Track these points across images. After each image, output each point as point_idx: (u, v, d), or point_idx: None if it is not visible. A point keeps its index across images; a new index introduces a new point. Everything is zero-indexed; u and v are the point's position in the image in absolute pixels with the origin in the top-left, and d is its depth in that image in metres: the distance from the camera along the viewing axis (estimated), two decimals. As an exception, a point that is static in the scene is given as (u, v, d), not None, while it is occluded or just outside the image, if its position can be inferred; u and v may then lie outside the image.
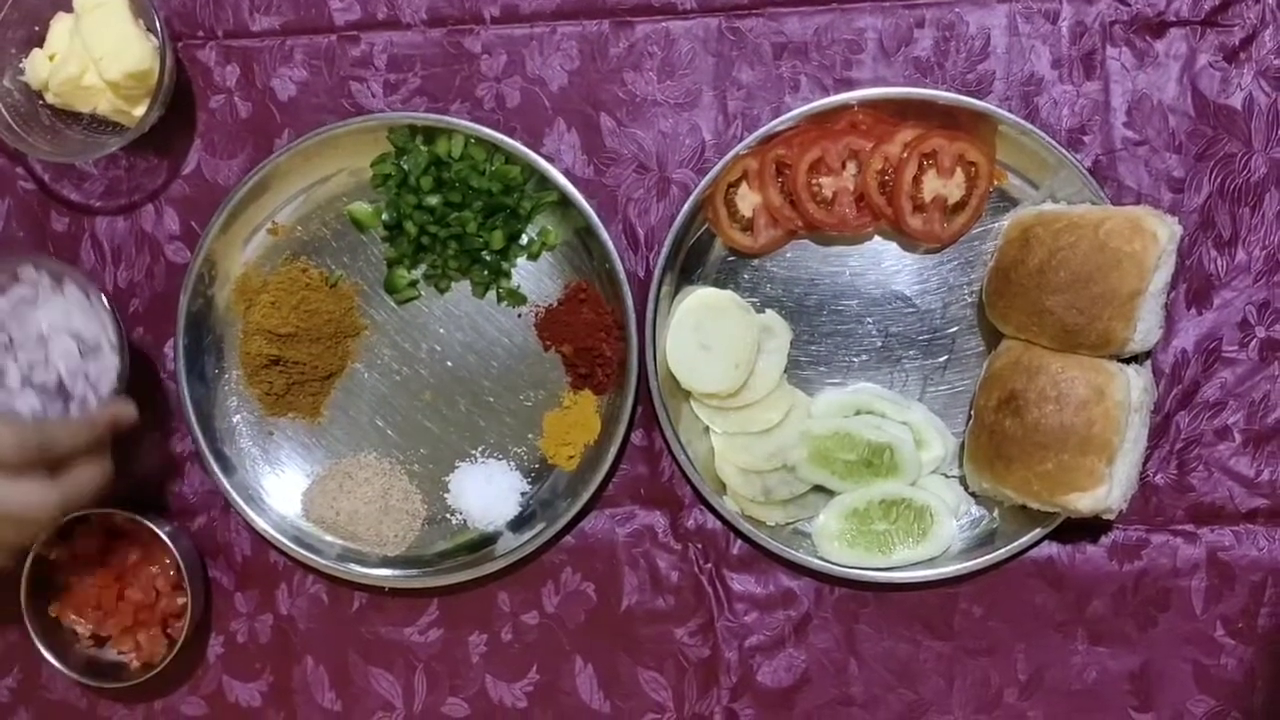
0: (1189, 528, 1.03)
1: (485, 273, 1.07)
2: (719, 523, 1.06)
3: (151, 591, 1.06)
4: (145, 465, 1.09)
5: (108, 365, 1.02)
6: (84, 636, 1.07)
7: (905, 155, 1.01)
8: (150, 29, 1.03)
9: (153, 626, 1.06)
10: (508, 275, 1.07)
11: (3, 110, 1.04)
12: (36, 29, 1.05)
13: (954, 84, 1.04)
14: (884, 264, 1.05)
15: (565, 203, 1.04)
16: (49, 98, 1.06)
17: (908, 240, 1.04)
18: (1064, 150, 1.00)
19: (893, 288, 1.05)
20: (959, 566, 1.02)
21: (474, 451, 1.08)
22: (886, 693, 1.05)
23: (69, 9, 1.04)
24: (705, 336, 1.03)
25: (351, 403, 1.09)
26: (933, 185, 1.01)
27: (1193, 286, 1.03)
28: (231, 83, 1.09)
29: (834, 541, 1.03)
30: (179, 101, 1.08)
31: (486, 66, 1.07)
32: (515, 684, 1.08)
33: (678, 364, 1.04)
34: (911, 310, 1.05)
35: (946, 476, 1.04)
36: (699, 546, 1.06)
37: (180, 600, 1.05)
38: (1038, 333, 0.97)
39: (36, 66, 1.05)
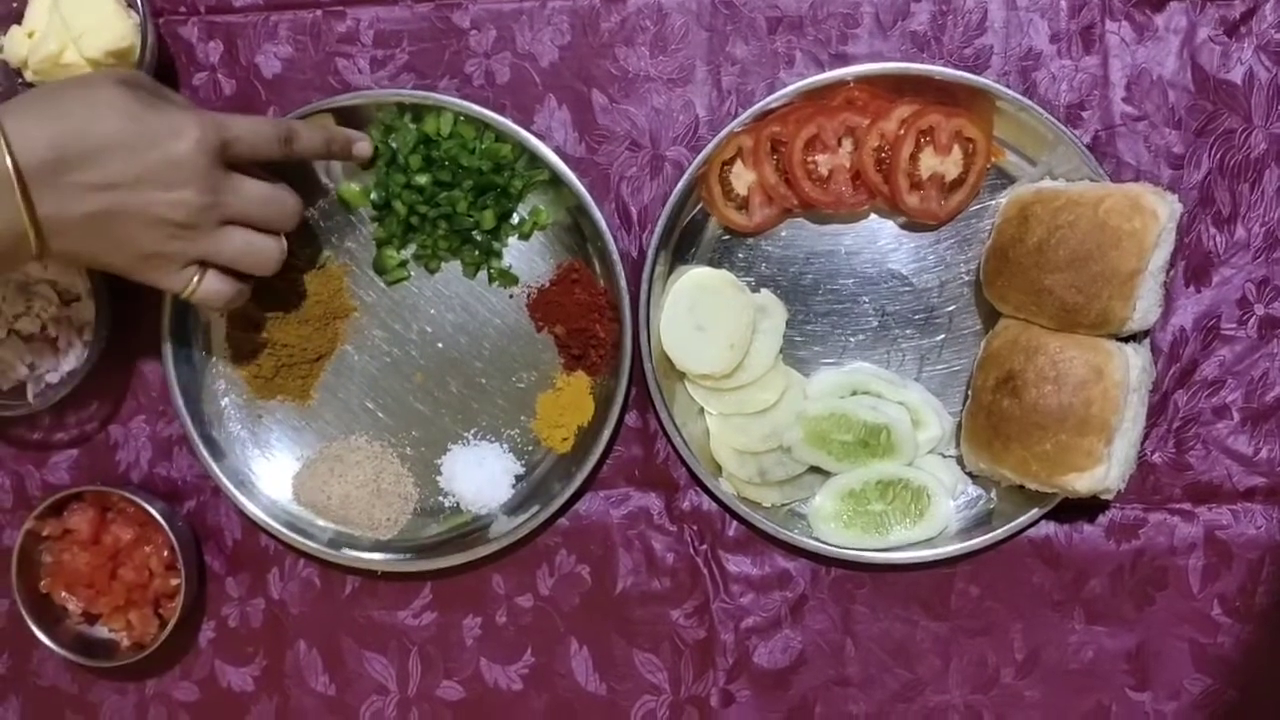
0: (1186, 506, 1.03)
1: (476, 253, 1.05)
2: (714, 504, 1.05)
3: (145, 572, 1.05)
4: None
5: (87, 311, 1.04)
6: (74, 614, 1.06)
7: (902, 132, 0.99)
8: (131, 5, 1.02)
9: (144, 606, 1.05)
10: (499, 255, 1.06)
11: (-20, 89, 1.03)
12: (15, 5, 1.03)
13: (951, 59, 1.02)
14: (880, 242, 1.04)
15: (557, 181, 1.03)
16: (28, 76, 1.03)
17: (904, 218, 1.03)
18: (1062, 126, 0.99)
19: (889, 266, 1.04)
20: (956, 547, 1.01)
21: (466, 434, 1.06)
22: (883, 673, 1.05)
23: (47, -16, 1.02)
24: (700, 317, 1.02)
25: (341, 385, 1.07)
26: (930, 162, 1.00)
27: (1191, 264, 1.02)
28: (215, 59, 1.07)
29: (830, 522, 1.02)
30: (161, 79, 1.06)
31: (475, 42, 1.05)
32: (510, 667, 1.07)
33: (672, 345, 1.03)
34: (908, 289, 1.04)
35: (943, 456, 1.03)
36: (694, 528, 1.06)
37: (174, 581, 1.05)
38: (1036, 312, 0.96)
39: (15, 44, 1.03)
